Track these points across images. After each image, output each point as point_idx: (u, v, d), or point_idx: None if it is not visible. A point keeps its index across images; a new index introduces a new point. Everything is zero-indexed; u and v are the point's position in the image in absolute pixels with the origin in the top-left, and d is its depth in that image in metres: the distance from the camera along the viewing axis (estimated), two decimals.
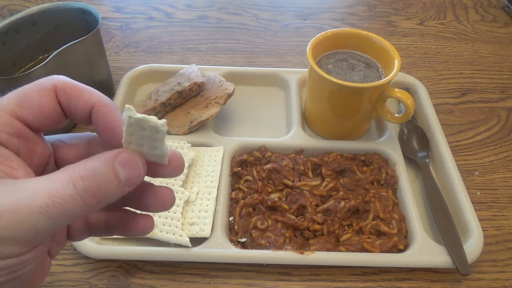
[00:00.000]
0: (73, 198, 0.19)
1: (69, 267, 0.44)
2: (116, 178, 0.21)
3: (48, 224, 0.19)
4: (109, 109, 0.23)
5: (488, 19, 0.83)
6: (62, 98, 0.23)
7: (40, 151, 0.24)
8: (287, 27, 0.80)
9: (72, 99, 0.23)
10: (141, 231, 0.26)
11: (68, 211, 0.19)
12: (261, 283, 0.44)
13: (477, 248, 0.44)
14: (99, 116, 0.23)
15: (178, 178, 0.49)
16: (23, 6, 0.80)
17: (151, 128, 0.21)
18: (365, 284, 0.44)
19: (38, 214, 0.19)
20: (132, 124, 0.21)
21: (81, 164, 0.20)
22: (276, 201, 0.48)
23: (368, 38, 0.54)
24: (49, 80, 0.23)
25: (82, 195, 0.20)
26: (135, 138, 0.22)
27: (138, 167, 0.22)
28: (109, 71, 0.62)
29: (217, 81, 0.59)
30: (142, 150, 0.22)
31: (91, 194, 0.20)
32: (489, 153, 0.58)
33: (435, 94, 0.66)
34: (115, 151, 0.21)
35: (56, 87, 0.23)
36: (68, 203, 0.19)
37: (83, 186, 0.20)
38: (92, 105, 0.23)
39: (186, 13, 0.82)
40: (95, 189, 0.20)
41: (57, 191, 0.19)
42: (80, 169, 0.20)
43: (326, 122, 0.56)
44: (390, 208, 0.48)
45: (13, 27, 0.55)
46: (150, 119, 0.21)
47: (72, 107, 0.23)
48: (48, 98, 0.23)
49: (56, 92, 0.23)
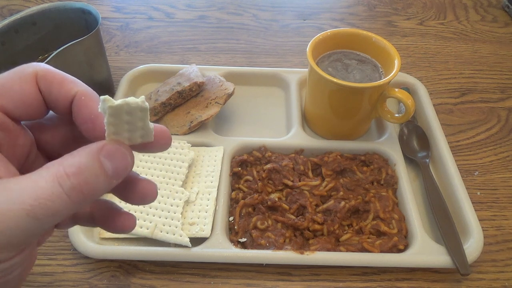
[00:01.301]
0: (60, 197, 0.18)
1: (69, 267, 0.44)
2: (103, 172, 0.20)
3: (35, 226, 0.18)
4: (92, 99, 0.22)
5: (488, 19, 0.83)
6: (43, 86, 0.22)
7: (22, 142, 0.23)
8: (287, 27, 0.80)
9: (53, 87, 0.22)
10: (121, 229, 0.25)
11: (56, 211, 0.19)
12: (261, 283, 0.44)
13: (477, 248, 0.44)
14: (81, 105, 0.22)
15: (178, 178, 0.49)
16: (23, 6, 0.80)
17: (134, 110, 0.20)
18: (365, 284, 0.44)
19: (25, 217, 0.18)
20: (112, 114, 0.20)
21: (66, 160, 0.19)
22: (276, 201, 0.48)
23: (368, 38, 0.54)
24: (30, 67, 0.22)
25: (69, 193, 0.19)
26: (118, 126, 0.21)
27: (125, 158, 0.21)
28: (109, 71, 0.62)
29: (217, 81, 0.59)
30: (126, 135, 0.21)
31: (78, 192, 0.19)
32: (489, 153, 0.58)
33: (435, 94, 0.66)
34: (100, 143, 0.20)
35: (37, 74, 0.22)
36: (55, 203, 0.18)
37: (70, 184, 0.19)
38: (74, 94, 0.22)
39: (186, 13, 0.82)
40: (82, 186, 0.19)
41: (42, 191, 0.18)
42: (65, 166, 0.19)
43: (326, 122, 0.56)
44: (390, 208, 0.48)
45: (13, 27, 0.55)
46: (130, 101, 0.20)
47: (54, 95, 0.22)
48: (29, 85, 0.21)
49: (37, 79, 0.22)
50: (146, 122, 0.21)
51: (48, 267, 0.44)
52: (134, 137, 0.21)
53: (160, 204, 0.46)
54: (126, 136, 0.21)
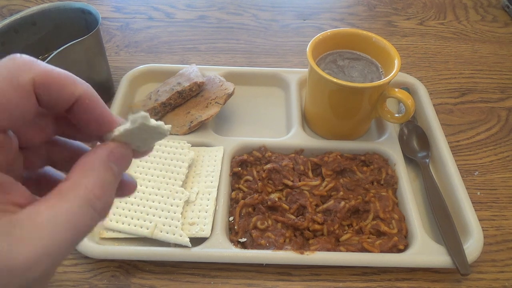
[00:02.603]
0: (94, 219, 0.20)
1: (69, 267, 0.44)
2: (115, 178, 0.21)
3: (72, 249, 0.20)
4: (96, 102, 0.22)
5: (488, 19, 0.83)
6: (41, 92, 0.20)
7: (11, 153, 0.21)
8: (287, 27, 0.80)
9: (53, 92, 0.20)
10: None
11: (91, 231, 0.20)
12: (261, 283, 0.44)
13: (477, 248, 0.44)
14: (86, 109, 0.21)
15: (178, 178, 0.49)
16: (23, 6, 0.80)
17: (156, 133, 0.22)
18: (365, 284, 0.44)
19: (68, 247, 0.19)
20: (140, 128, 0.21)
21: (87, 180, 0.20)
22: (276, 201, 0.48)
23: (368, 38, 0.54)
24: (26, 72, 0.19)
25: (100, 213, 0.20)
26: (133, 137, 0.22)
27: (129, 157, 0.22)
28: (109, 71, 0.62)
29: (217, 81, 0.59)
30: (134, 145, 0.22)
31: (107, 207, 0.20)
32: (489, 153, 0.58)
33: (435, 94, 0.66)
34: (106, 149, 0.21)
35: (35, 81, 0.19)
36: (92, 226, 0.20)
37: (101, 205, 0.20)
38: (76, 98, 0.21)
39: (186, 13, 0.82)
40: (109, 199, 0.20)
41: (79, 219, 0.19)
42: (92, 189, 0.20)
43: (326, 122, 0.56)
44: (390, 208, 0.48)
45: (13, 27, 0.55)
46: (162, 126, 0.22)
47: (53, 101, 0.20)
48: (27, 98, 0.19)
49: (34, 87, 0.19)
50: (153, 143, 0.23)
51: None
52: (136, 147, 0.23)
53: (160, 204, 0.46)
54: (133, 145, 0.23)
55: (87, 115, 0.22)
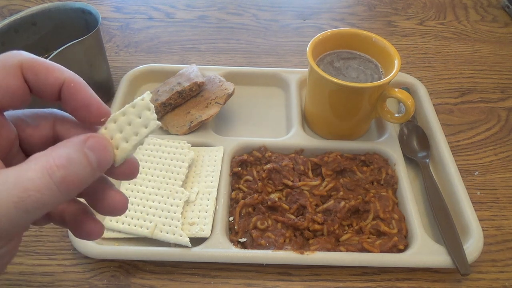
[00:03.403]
0: (49, 188, 0.19)
1: (69, 267, 0.44)
2: (89, 163, 0.20)
3: (24, 217, 0.18)
4: (81, 85, 0.22)
5: (488, 19, 0.83)
6: (29, 76, 0.22)
7: (5, 134, 0.22)
8: (287, 27, 0.80)
9: (40, 76, 0.22)
10: (86, 235, 0.25)
11: (45, 202, 0.19)
12: (261, 283, 0.44)
13: (477, 248, 0.44)
14: (72, 93, 0.22)
15: (178, 178, 0.49)
16: (23, 6, 0.80)
17: (145, 119, 0.22)
18: (365, 284, 0.44)
19: (13, 208, 0.18)
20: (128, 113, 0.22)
21: (54, 151, 0.20)
22: (276, 201, 0.48)
23: (368, 38, 0.54)
24: (13, 56, 0.21)
25: (58, 184, 0.19)
26: (119, 124, 0.22)
27: (108, 150, 0.21)
28: (109, 71, 0.62)
29: (217, 81, 0.59)
30: (118, 135, 0.23)
31: (67, 182, 0.19)
32: (489, 153, 0.58)
33: (435, 94, 0.66)
34: (83, 136, 0.21)
35: (22, 65, 0.21)
36: (44, 195, 0.19)
37: (60, 175, 0.19)
38: (62, 82, 0.22)
39: (186, 13, 0.82)
40: (71, 177, 0.19)
41: (32, 183, 0.18)
42: (54, 158, 0.19)
43: (326, 122, 0.56)
44: (390, 208, 0.48)
45: (13, 27, 0.55)
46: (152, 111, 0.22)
47: (41, 84, 0.22)
48: (14, 76, 0.21)
49: (22, 70, 0.21)
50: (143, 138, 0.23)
51: (48, 267, 0.44)
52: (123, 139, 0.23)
53: (160, 204, 0.46)
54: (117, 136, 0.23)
55: (74, 100, 0.22)
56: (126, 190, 0.48)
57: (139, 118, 0.23)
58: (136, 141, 0.23)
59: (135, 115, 0.23)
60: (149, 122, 0.23)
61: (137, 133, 0.23)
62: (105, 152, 0.21)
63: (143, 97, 0.23)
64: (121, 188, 0.48)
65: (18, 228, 0.19)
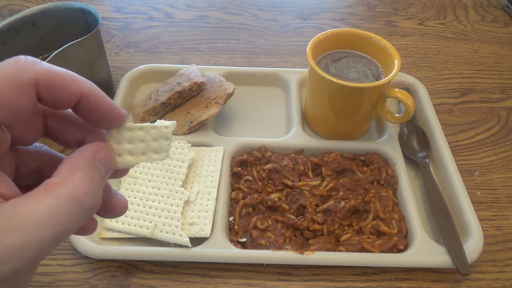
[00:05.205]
0: (80, 218, 0.19)
1: (69, 267, 0.44)
2: (101, 177, 0.21)
3: (55, 246, 0.19)
4: (100, 97, 0.22)
5: (488, 19, 0.83)
6: (44, 93, 0.20)
7: (5, 147, 0.21)
8: (287, 27, 0.80)
9: (56, 92, 0.20)
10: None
11: (75, 229, 0.20)
12: (261, 283, 0.44)
13: (477, 248, 0.44)
14: (91, 107, 0.21)
15: (178, 178, 0.49)
16: (23, 6, 0.80)
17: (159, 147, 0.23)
18: (365, 284, 0.44)
19: (51, 242, 0.18)
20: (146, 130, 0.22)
21: (75, 177, 0.20)
22: (276, 201, 0.48)
23: (368, 38, 0.54)
24: (28, 72, 0.19)
25: (87, 211, 0.20)
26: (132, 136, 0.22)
27: (113, 159, 0.22)
28: (109, 71, 0.62)
29: (217, 81, 0.59)
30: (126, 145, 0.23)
31: (95, 205, 0.20)
32: (489, 153, 0.58)
33: (435, 94, 0.66)
34: (92, 149, 0.21)
35: (37, 81, 0.19)
36: (76, 224, 0.19)
37: (90, 203, 0.20)
38: (78, 96, 0.21)
39: (186, 13, 0.82)
40: (97, 198, 0.20)
41: (65, 216, 0.19)
42: (79, 186, 0.19)
43: (326, 122, 0.56)
44: (390, 208, 0.48)
45: (13, 27, 0.55)
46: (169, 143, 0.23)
47: (56, 100, 0.21)
48: (28, 95, 0.19)
49: (36, 86, 0.19)
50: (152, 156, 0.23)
51: (48, 267, 0.44)
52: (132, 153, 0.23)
53: (160, 204, 0.46)
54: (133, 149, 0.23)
55: (94, 113, 0.22)
56: (126, 190, 0.48)
57: (154, 142, 0.23)
58: (140, 161, 0.23)
59: (152, 137, 0.23)
60: (161, 151, 0.23)
61: (145, 154, 0.23)
62: (111, 161, 0.22)
63: (167, 125, 0.23)
64: (121, 188, 0.48)
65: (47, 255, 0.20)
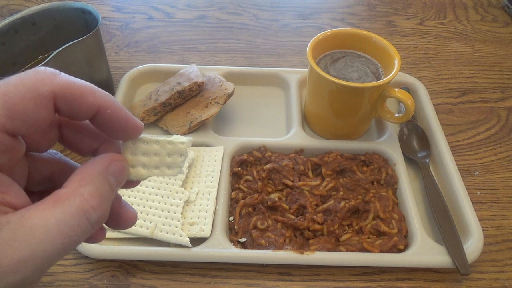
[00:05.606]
0: (86, 230, 0.19)
1: (69, 267, 0.44)
2: (111, 189, 0.21)
3: (61, 258, 0.19)
4: (117, 109, 0.22)
5: (488, 19, 0.83)
6: (61, 106, 0.20)
7: (20, 156, 0.21)
8: (287, 27, 0.80)
9: (74, 105, 0.20)
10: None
11: (80, 241, 0.20)
12: (261, 283, 0.44)
13: (477, 248, 0.44)
14: (108, 119, 0.21)
15: (178, 178, 0.49)
16: (23, 6, 0.80)
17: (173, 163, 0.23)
18: (365, 284, 0.44)
19: (57, 255, 0.18)
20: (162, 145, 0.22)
21: (85, 189, 0.20)
22: (276, 201, 0.48)
23: (368, 38, 0.54)
24: (47, 85, 0.19)
25: (94, 225, 0.20)
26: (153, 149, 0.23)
27: (126, 171, 0.22)
28: (109, 71, 0.62)
29: (217, 81, 0.59)
30: (140, 157, 0.23)
31: (102, 219, 0.20)
32: (489, 153, 0.58)
33: (435, 94, 0.66)
34: (105, 161, 0.21)
35: (55, 94, 0.20)
36: (82, 237, 0.19)
37: (97, 217, 0.20)
38: (96, 109, 0.21)
39: (186, 13, 0.82)
40: (105, 212, 0.20)
41: (72, 229, 0.19)
42: (88, 199, 0.19)
43: (326, 122, 0.56)
44: (390, 208, 0.48)
45: (13, 27, 0.55)
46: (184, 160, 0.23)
47: (73, 113, 0.21)
48: (46, 108, 0.19)
49: (54, 99, 0.20)
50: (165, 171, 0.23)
51: None
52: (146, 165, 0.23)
53: (160, 204, 0.46)
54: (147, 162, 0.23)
55: (112, 125, 0.22)
56: (126, 190, 0.48)
57: (169, 157, 0.23)
58: (153, 175, 0.23)
59: (167, 152, 0.23)
60: (174, 167, 0.23)
61: (159, 168, 0.23)
62: (124, 174, 0.22)
63: (183, 142, 0.23)
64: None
65: (52, 266, 0.20)
